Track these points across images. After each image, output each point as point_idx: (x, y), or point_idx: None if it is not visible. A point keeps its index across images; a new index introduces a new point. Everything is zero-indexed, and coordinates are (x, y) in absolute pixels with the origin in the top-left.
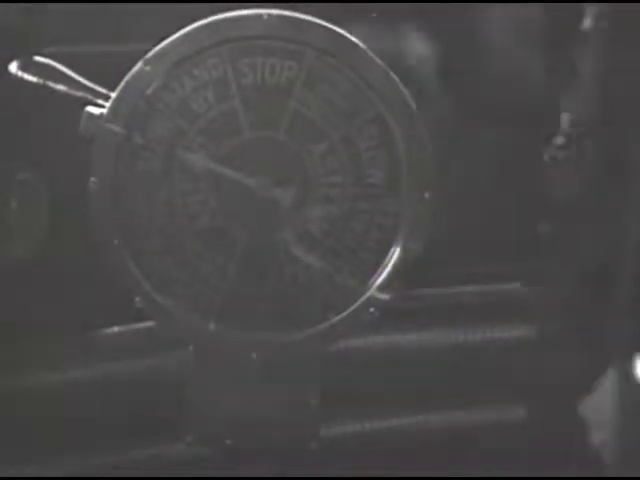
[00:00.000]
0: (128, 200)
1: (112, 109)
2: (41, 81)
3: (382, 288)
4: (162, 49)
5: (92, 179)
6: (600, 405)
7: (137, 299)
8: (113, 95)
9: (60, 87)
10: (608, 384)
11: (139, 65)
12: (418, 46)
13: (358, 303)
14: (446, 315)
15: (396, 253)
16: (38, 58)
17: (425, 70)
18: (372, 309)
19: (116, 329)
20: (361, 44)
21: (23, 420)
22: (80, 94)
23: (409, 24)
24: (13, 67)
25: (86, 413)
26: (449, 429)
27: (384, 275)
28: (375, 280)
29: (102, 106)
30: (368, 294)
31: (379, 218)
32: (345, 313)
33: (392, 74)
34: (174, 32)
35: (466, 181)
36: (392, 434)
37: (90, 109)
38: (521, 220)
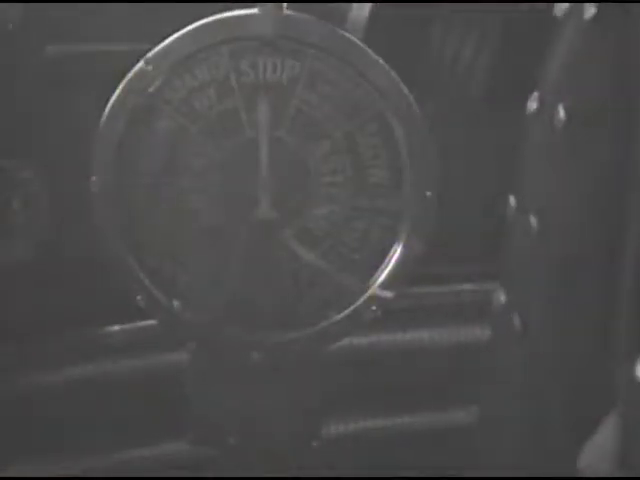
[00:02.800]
0: (129, 199)
1: (114, 108)
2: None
3: (384, 287)
4: (163, 48)
5: (93, 178)
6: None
7: (139, 298)
8: (114, 94)
9: None
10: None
11: (141, 64)
12: None
13: (359, 302)
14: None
15: (397, 252)
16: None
17: None
18: (374, 308)
19: (117, 328)
20: (361, 43)
21: (23, 420)
22: None
23: None
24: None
25: (86, 413)
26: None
27: (385, 274)
28: (377, 279)
29: None
30: (369, 293)
31: (380, 217)
32: (346, 312)
33: (393, 72)
34: (176, 31)
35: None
36: (392, 433)
37: None
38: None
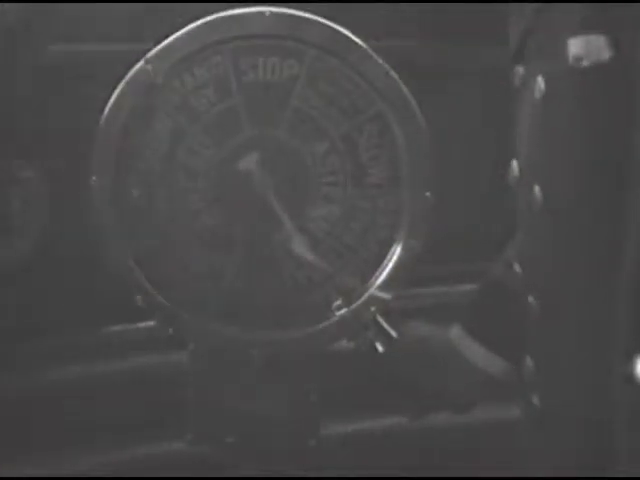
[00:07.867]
0: (129, 199)
1: (113, 107)
2: None
3: (383, 287)
4: (163, 48)
5: (93, 178)
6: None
7: (138, 298)
8: (114, 94)
9: None
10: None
11: (140, 63)
12: None
13: (359, 302)
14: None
15: (396, 252)
16: None
17: None
18: (373, 308)
19: (117, 328)
20: (361, 42)
21: (23, 419)
22: None
23: None
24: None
25: (86, 412)
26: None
27: (384, 274)
28: (376, 279)
29: None
30: (369, 293)
31: (379, 217)
32: (346, 312)
33: (392, 72)
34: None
35: None
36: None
37: None
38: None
